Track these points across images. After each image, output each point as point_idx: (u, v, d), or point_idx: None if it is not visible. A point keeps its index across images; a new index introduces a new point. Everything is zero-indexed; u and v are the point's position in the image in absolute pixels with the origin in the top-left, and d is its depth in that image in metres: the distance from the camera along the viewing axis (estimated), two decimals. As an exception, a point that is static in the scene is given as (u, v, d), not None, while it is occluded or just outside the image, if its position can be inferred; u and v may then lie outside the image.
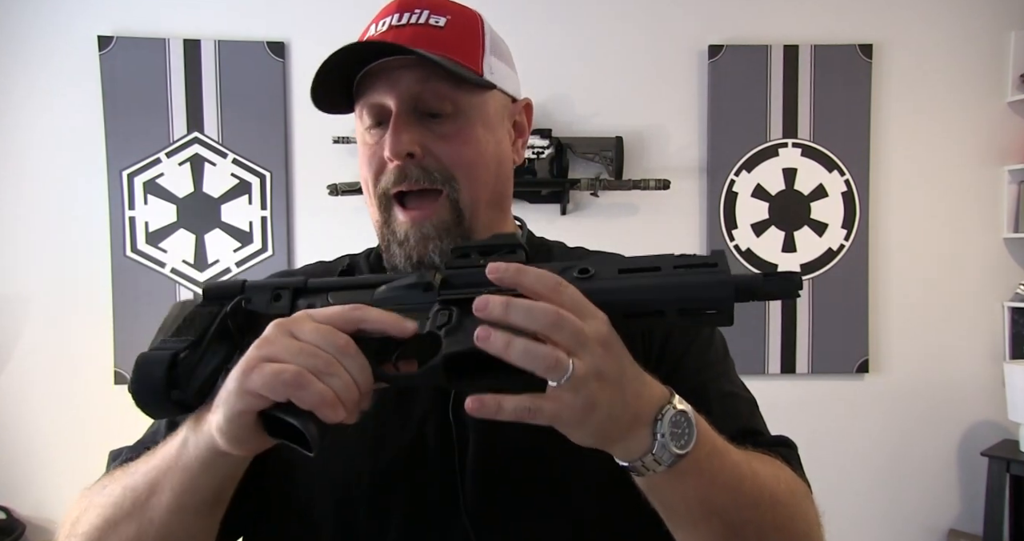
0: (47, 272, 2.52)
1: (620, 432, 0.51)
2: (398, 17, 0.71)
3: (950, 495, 2.71)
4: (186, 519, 0.58)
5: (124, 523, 0.58)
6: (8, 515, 2.47)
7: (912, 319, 2.67)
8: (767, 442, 0.72)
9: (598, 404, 0.48)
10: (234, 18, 2.55)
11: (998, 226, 2.68)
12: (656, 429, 0.51)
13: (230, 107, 2.54)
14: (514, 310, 0.47)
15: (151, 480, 0.58)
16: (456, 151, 0.70)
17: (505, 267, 0.49)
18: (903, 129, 2.65)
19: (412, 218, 0.71)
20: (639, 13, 2.62)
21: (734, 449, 0.58)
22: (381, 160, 0.71)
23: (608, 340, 0.49)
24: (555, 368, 0.46)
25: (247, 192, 2.57)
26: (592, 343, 0.47)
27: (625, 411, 0.50)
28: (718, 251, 0.53)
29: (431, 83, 0.69)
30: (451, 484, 0.67)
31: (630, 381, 0.51)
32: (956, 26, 2.65)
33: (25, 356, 2.53)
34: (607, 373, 0.48)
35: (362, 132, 0.74)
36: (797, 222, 2.64)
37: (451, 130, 0.70)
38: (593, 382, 0.47)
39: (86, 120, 2.50)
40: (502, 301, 0.47)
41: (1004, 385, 2.51)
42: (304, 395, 0.48)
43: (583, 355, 0.47)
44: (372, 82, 0.70)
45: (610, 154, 2.51)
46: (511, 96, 0.78)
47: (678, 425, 0.51)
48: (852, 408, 2.67)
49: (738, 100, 2.61)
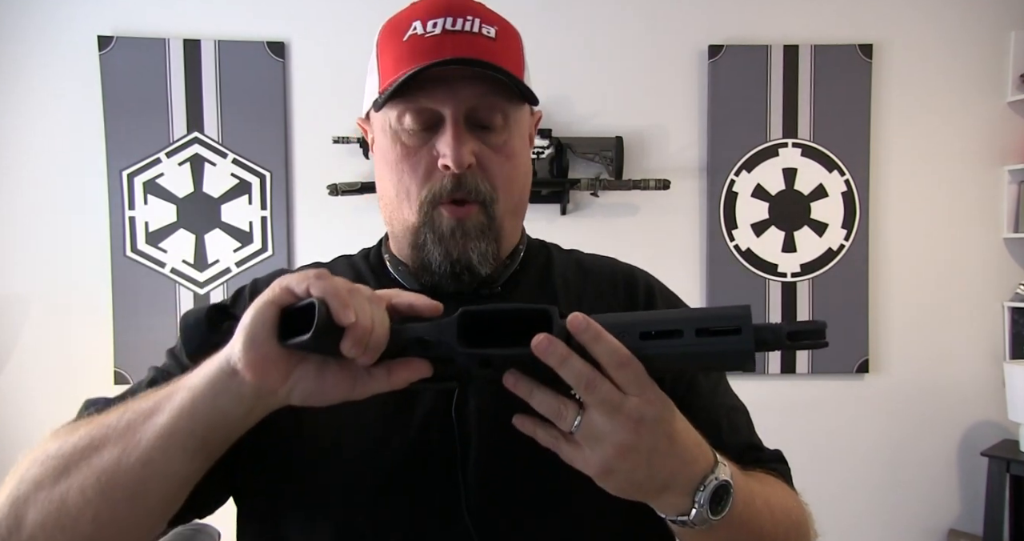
0: (47, 272, 2.52)
1: (646, 496, 0.56)
2: (451, 22, 0.69)
3: (950, 495, 2.71)
4: (170, 450, 0.56)
5: (110, 446, 0.56)
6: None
7: (912, 319, 2.67)
8: (767, 458, 0.77)
9: (615, 469, 0.53)
10: (234, 18, 2.55)
11: (998, 226, 2.68)
12: (696, 498, 0.55)
13: (230, 107, 2.54)
14: (568, 365, 0.51)
15: (154, 403, 0.57)
16: (502, 164, 0.72)
17: (588, 326, 0.52)
18: (903, 129, 2.65)
19: (457, 216, 0.71)
20: (639, 13, 2.62)
21: (757, 489, 0.63)
22: (430, 165, 0.70)
23: (644, 418, 0.52)
24: (558, 418, 0.53)
25: (247, 192, 2.57)
26: (621, 417, 0.51)
27: (651, 481, 0.54)
28: (743, 310, 0.53)
29: (489, 97, 0.69)
30: (454, 484, 0.67)
31: (663, 457, 0.54)
32: (956, 26, 2.65)
33: (25, 356, 2.53)
34: (629, 446, 0.52)
35: (396, 130, 0.72)
36: (797, 222, 2.64)
37: (499, 143, 0.71)
38: (609, 448, 0.52)
39: (86, 120, 2.50)
40: (564, 354, 0.51)
41: (1004, 385, 2.51)
42: (327, 287, 0.51)
43: (608, 422, 0.52)
44: (426, 86, 0.68)
45: (610, 154, 2.51)
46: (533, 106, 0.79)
47: (717, 495, 0.56)
48: (852, 408, 2.67)
49: (738, 100, 2.61)
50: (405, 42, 0.69)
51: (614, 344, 0.51)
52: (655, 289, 0.83)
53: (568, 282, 0.81)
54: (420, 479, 0.68)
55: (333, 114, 2.49)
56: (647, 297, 0.80)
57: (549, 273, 0.81)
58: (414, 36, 0.69)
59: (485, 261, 0.71)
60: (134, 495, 0.56)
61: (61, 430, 0.62)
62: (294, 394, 0.55)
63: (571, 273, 0.82)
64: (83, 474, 0.56)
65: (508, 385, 0.53)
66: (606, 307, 0.77)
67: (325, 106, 2.53)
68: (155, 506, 0.59)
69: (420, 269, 0.74)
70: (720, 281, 2.62)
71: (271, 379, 0.53)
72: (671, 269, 2.62)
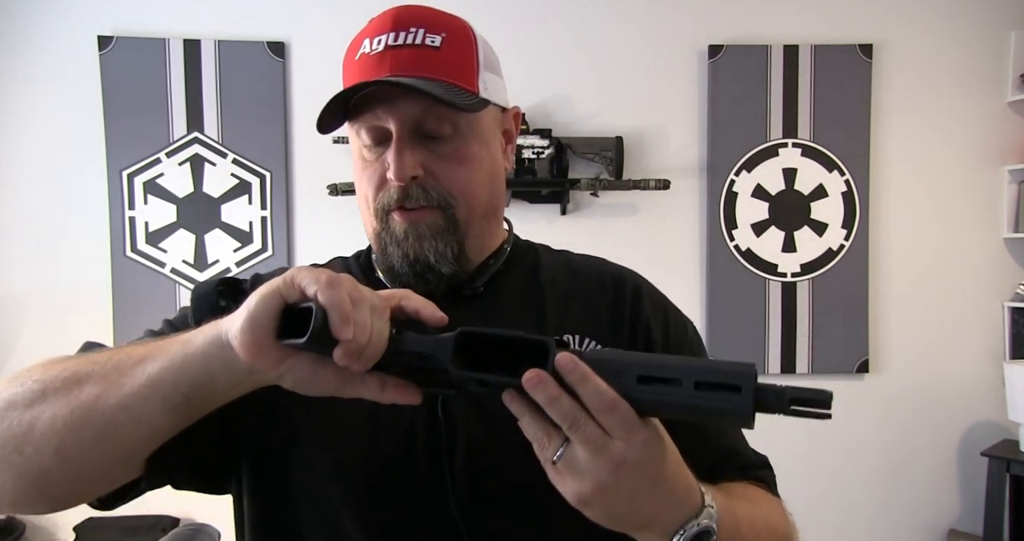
0: (47, 272, 2.52)
1: (623, 529, 0.56)
2: (394, 37, 0.70)
3: (950, 495, 2.71)
4: (151, 399, 0.56)
5: (92, 383, 0.57)
6: (8, 515, 2.47)
7: (912, 319, 2.67)
8: (752, 465, 0.77)
9: (591, 503, 0.53)
10: (234, 18, 2.55)
11: (998, 226, 2.68)
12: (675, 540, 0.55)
13: (230, 107, 2.54)
14: (556, 404, 0.51)
15: (146, 351, 0.58)
16: (454, 171, 0.73)
17: (575, 367, 0.51)
18: (903, 129, 2.65)
19: (410, 220, 0.73)
20: (639, 13, 2.62)
21: (741, 514, 0.62)
22: (381, 177, 0.73)
23: (626, 461, 0.52)
24: (541, 447, 0.53)
25: (247, 192, 2.57)
26: (603, 458, 0.51)
27: (629, 518, 0.55)
28: (748, 368, 0.52)
29: (434, 109, 0.70)
30: (440, 480, 0.69)
31: (644, 498, 0.54)
32: (956, 26, 2.65)
33: (25, 356, 2.53)
34: (607, 485, 0.52)
35: (360, 148, 0.76)
36: (797, 222, 2.64)
37: (450, 150, 0.73)
38: (588, 484, 0.52)
39: (86, 120, 2.50)
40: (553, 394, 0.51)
41: (1004, 385, 2.51)
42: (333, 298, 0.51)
43: (590, 461, 0.52)
44: (372, 105, 0.71)
45: (610, 154, 2.51)
46: (501, 106, 0.80)
47: (699, 538, 0.56)
48: (852, 408, 2.67)
49: (738, 100, 2.61)
50: (356, 61, 0.72)
51: (601, 387, 0.51)
52: (643, 290, 0.83)
53: (556, 282, 0.82)
54: (408, 473, 0.70)
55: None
56: (634, 298, 0.81)
57: (536, 273, 0.82)
58: (363, 55, 0.72)
59: (444, 260, 0.73)
60: (103, 436, 0.56)
61: (51, 360, 0.62)
62: (285, 379, 0.56)
63: (560, 273, 0.83)
64: (59, 404, 0.56)
65: (504, 401, 0.54)
66: (594, 308, 0.79)
67: (325, 106, 2.52)
68: (120, 452, 0.59)
69: (387, 271, 0.77)
70: (720, 281, 2.62)
71: (264, 363, 0.54)
72: (671, 269, 2.64)
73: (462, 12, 0.76)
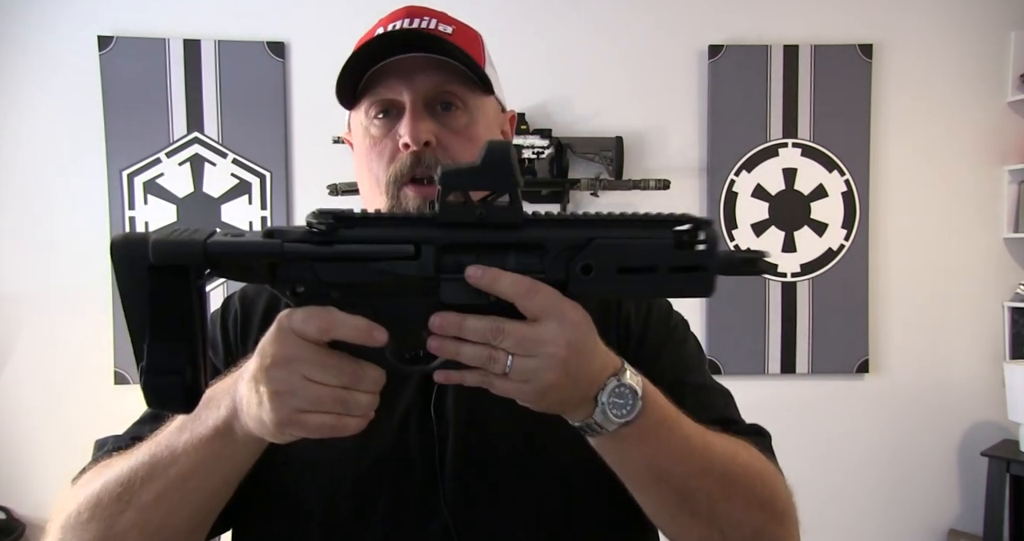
0: (47, 272, 2.52)
1: (568, 407, 0.57)
2: (408, 22, 0.75)
3: (950, 495, 2.71)
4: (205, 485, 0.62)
5: (152, 481, 0.61)
6: (8, 515, 2.47)
7: (912, 319, 2.67)
8: (740, 430, 0.75)
9: (548, 392, 0.53)
10: (234, 18, 2.55)
11: (998, 226, 2.68)
12: (598, 398, 0.56)
13: (230, 107, 2.54)
14: (468, 327, 0.52)
15: (181, 466, 0.61)
16: (464, 145, 0.74)
17: (481, 274, 0.52)
18: (903, 129, 2.65)
19: (423, 194, 0.74)
20: (639, 13, 2.62)
21: (689, 422, 0.63)
22: (393, 150, 0.74)
23: (571, 341, 0.53)
24: (490, 364, 0.52)
25: (247, 192, 2.57)
26: (548, 344, 0.52)
27: (575, 393, 0.55)
28: (711, 236, 0.56)
29: (446, 85, 0.73)
30: (432, 478, 0.70)
31: (586, 368, 0.55)
32: (956, 26, 2.65)
33: (25, 356, 2.53)
34: (561, 366, 0.53)
35: (366, 125, 0.77)
36: (797, 222, 2.64)
37: (460, 125, 0.74)
38: (546, 373, 0.52)
39: (86, 120, 2.49)
40: (454, 321, 0.53)
41: (1004, 385, 2.51)
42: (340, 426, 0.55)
43: (533, 356, 0.52)
44: (385, 79, 0.73)
45: (610, 154, 2.51)
46: (502, 105, 0.83)
47: (620, 396, 0.56)
48: (852, 408, 2.67)
49: (738, 100, 2.61)
50: (366, 44, 0.74)
51: (514, 277, 0.52)
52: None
53: None
54: (400, 474, 0.71)
55: (333, 114, 2.47)
56: None
57: None
58: (375, 37, 0.75)
59: None
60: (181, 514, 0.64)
61: (88, 477, 0.67)
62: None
63: None
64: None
65: (434, 352, 0.54)
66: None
67: (325, 106, 2.50)
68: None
69: None
70: (720, 281, 2.60)
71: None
72: (671, 269, 2.63)
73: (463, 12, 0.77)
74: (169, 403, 0.54)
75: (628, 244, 0.55)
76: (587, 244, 0.54)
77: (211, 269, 0.54)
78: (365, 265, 0.54)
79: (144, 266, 0.52)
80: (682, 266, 0.55)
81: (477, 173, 0.53)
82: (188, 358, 0.53)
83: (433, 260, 0.53)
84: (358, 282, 0.54)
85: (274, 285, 0.55)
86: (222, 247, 0.53)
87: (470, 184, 0.53)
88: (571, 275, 0.54)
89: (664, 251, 0.55)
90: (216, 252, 0.53)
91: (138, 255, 0.52)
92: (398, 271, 0.53)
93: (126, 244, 0.53)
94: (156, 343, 0.53)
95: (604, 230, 0.55)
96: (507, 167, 0.53)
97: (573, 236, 0.55)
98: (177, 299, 0.53)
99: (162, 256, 0.52)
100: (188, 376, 0.53)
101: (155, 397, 0.53)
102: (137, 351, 0.54)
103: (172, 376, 0.53)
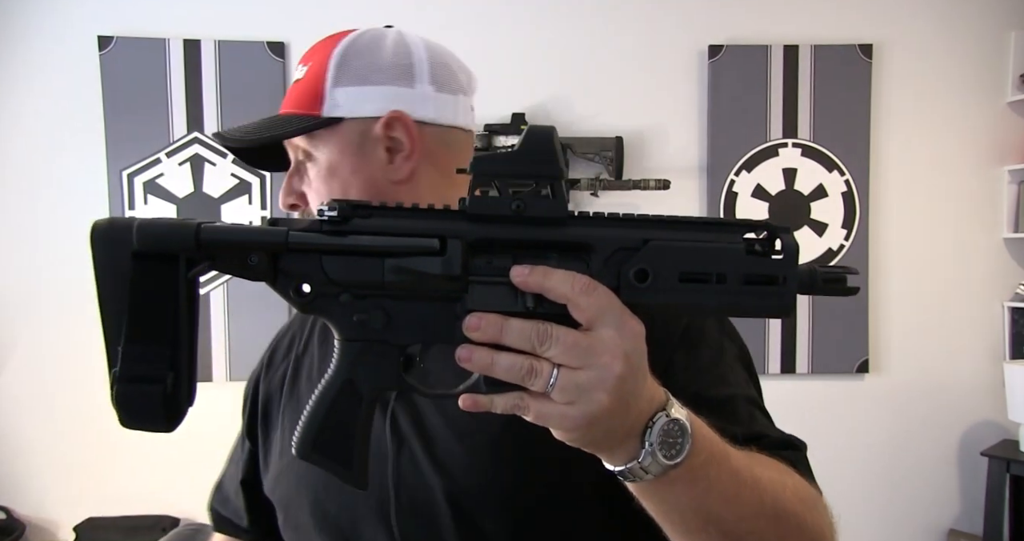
0: (47, 272, 2.52)
1: (613, 443, 0.48)
2: (297, 72, 0.80)
3: (950, 495, 2.70)
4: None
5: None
6: (8, 515, 2.47)
7: (912, 319, 2.67)
8: (772, 444, 0.68)
9: (597, 419, 0.45)
10: (234, 18, 2.55)
11: (998, 226, 2.68)
12: (645, 438, 0.48)
13: (230, 107, 2.54)
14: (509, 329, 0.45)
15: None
16: (327, 183, 0.76)
17: (529, 272, 0.45)
18: (903, 129, 2.65)
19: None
20: (639, 13, 2.62)
21: (736, 454, 0.55)
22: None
23: (624, 351, 0.45)
24: (531, 378, 0.45)
25: (247, 192, 2.57)
26: (604, 354, 0.44)
27: (624, 424, 0.47)
28: (789, 245, 0.48)
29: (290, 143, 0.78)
30: (385, 497, 0.69)
31: (638, 395, 0.47)
32: (956, 26, 2.65)
33: (25, 356, 2.53)
34: (617, 384, 0.45)
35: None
36: (797, 222, 2.63)
37: (312, 173, 0.78)
38: (598, 393, 0.44)
39: (86, 120, 2.49)
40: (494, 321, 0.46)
41: (1004, 385, 2.51)
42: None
43: (585, 368, 0.44)
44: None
45: (610, 154, 2.51)
46: (371, 117, 0.74)
47: (670, 434, 0.48)
48: (852, 408, 2.67)
49: (738, 100, 2.61)
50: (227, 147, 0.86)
51: (566, 272, 0.45)
52: None
53: None
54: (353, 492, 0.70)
55: (333, 114, 2.49)
56: None
57: None
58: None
59: None
60: None
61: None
62: None
63: None
64: None
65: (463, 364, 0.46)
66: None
67: (325, 106, 2.52)
68: None
69: None
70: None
71: None
72: (671, 269, 2.63)
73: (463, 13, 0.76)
74: (146, 420, 0.45)
75: (691, 247, 0.47)
76: (642, 246, 0.47)
77: (204, 260, 0.46)
78: (381, 261, 0.46)
79: (127, 252, 0.44)
80: (756, 277, 0.47)
81: (514, 160, 0.46)
82: (170, 363, 0.45)
83: (461, 257, 0.46)
84: (372, 281, 0.47)
85: (275, 283, 0.47)
86: (218, 233, 0.45)
87: (506, 172, 0.47)
88: (623, 282, 0.47)
89: (735, 257, 0.47)
90: (210, 239, 0.45)
91: (121, 239, 0.44)
92: (419, 268, 0.46)
93: (110, 227, 0.45)
94: (133, 345, 0.44)
95: (661, 231, 0.48)
96: (550, 154, 0.47)
97: (625, 236, 0.47)
98: (162, 293, 0.45)
99: (148, 241, 0.44)
100: (169, 385, 0.44)
101: (127, 412, 0.44)
102: (110, 354, 0.45)
103: (149, 385, 0.44)
